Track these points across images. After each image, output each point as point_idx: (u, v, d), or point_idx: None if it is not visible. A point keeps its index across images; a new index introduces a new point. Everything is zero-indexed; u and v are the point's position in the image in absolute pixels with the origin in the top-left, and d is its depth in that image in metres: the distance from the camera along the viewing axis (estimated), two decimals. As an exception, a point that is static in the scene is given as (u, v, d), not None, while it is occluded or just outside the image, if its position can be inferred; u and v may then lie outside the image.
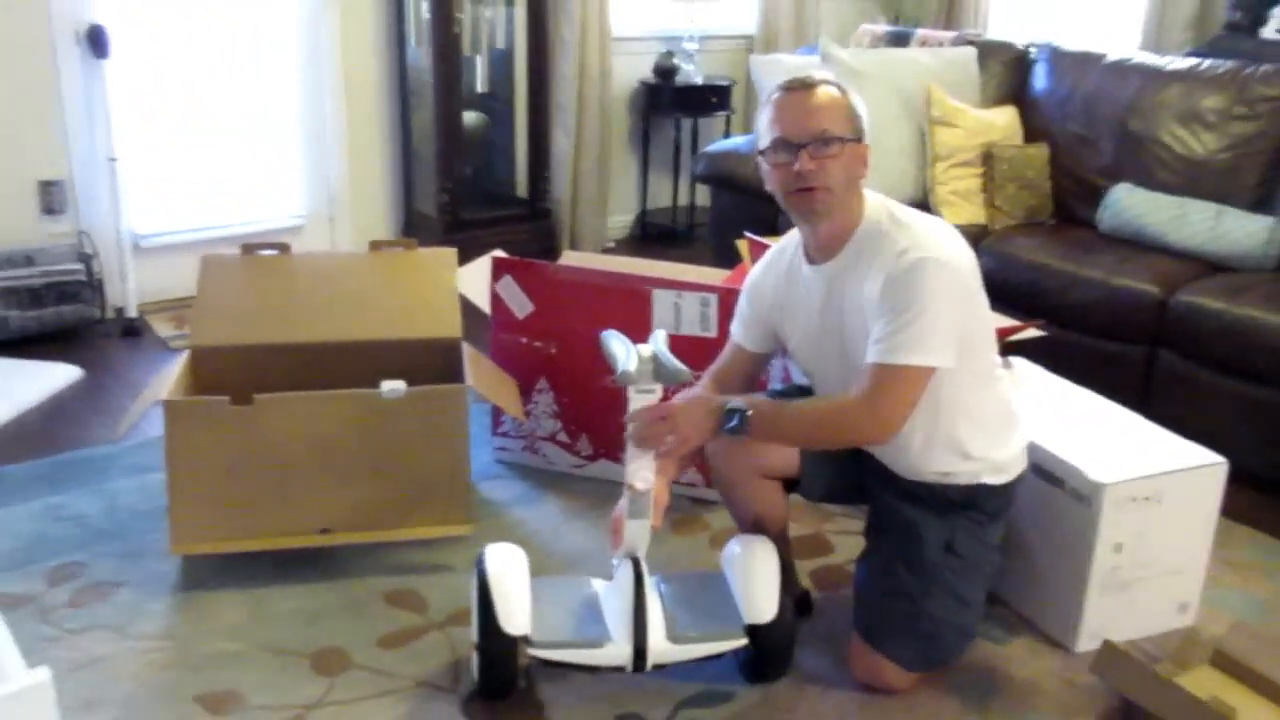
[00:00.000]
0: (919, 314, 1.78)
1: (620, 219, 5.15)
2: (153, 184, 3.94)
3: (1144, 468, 2.12)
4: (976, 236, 3.46)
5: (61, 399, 3.23)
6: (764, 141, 1.90)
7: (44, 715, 1.48)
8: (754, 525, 2.14)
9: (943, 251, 1.82)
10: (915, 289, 1.79)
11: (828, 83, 1.88)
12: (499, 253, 2.80)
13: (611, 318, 1.94)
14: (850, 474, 2.14)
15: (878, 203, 1.93)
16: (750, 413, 1.87)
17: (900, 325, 1.79)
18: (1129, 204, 3.37)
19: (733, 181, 3.98)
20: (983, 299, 1.95)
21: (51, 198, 3.70)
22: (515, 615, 1.90)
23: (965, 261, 1.87)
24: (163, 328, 3.78)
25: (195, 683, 2.02)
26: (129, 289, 3.76)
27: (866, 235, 1.89)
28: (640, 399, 1.87)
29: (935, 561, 1.98)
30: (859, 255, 1.89)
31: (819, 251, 1.95)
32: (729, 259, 3.23)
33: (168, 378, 2.41)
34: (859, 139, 1.87)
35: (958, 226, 1.98)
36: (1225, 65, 3.44)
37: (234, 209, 4.15)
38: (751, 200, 3.85)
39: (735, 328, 2.16)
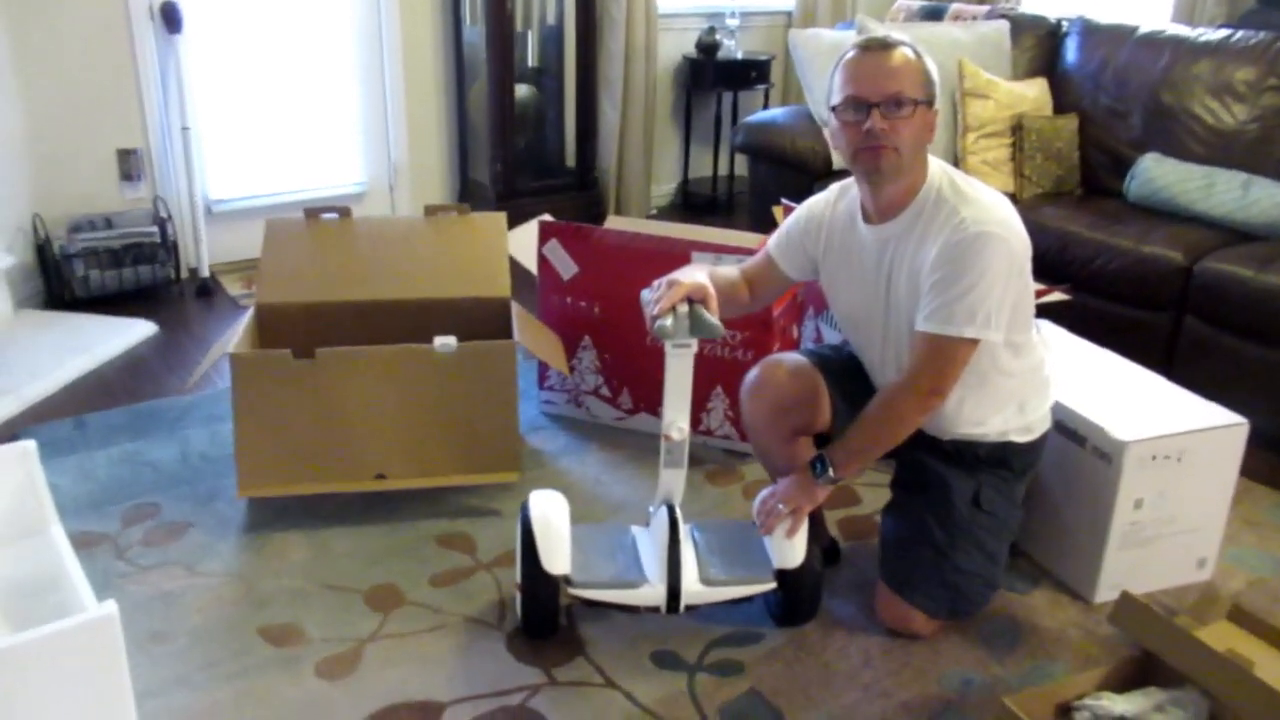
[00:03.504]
0: (972, 286, 1.73)
1: (664, 188, 5.10)
2: (224, 152, 3.95)
3: (1165, 427, 2.05)
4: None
5: (138, 353, 3.26)
6: (836, 98, 1.80)
7: (111, 645, 1.49)
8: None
9: (1002, 226, 1.75)
10: (972, 261, 1.73)
11: (904, 44, 1.79)
12: (546, 217, 2.77)
13: (652, 278, 1.90)
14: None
15: (939, 169, 1.85)
16: (828, 453, 1.92)
17: (953, 297, 1.74)
18: (1157, 174, 3.26)
19: (770, 152, 3.90)
20: (1030, 275, 1.87)
21: (129, 165, 3.72)
22: (556, 556, 1.90)
23: (1021, 238, 1.79)
24: (233, 287, 3.80)
25: (259, 617, 2.04)
26: (201, 251, 3.78)
27: (926, 201, 1.81)
28: (677, 353, 1.84)
29: (964, 516, 1.94)
30: (917, 220, 1.82)
31: (878, 213, 1.88)
32: (766, 225, 3.18)
33: (235, 333, 2.41)
34: (930, 103, 1.79)
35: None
36: (1257, 37, 3.30)
37: (300, 177, 4.14)
38: (788, 170, 3.79)
39: (776, 246, 2.08)
